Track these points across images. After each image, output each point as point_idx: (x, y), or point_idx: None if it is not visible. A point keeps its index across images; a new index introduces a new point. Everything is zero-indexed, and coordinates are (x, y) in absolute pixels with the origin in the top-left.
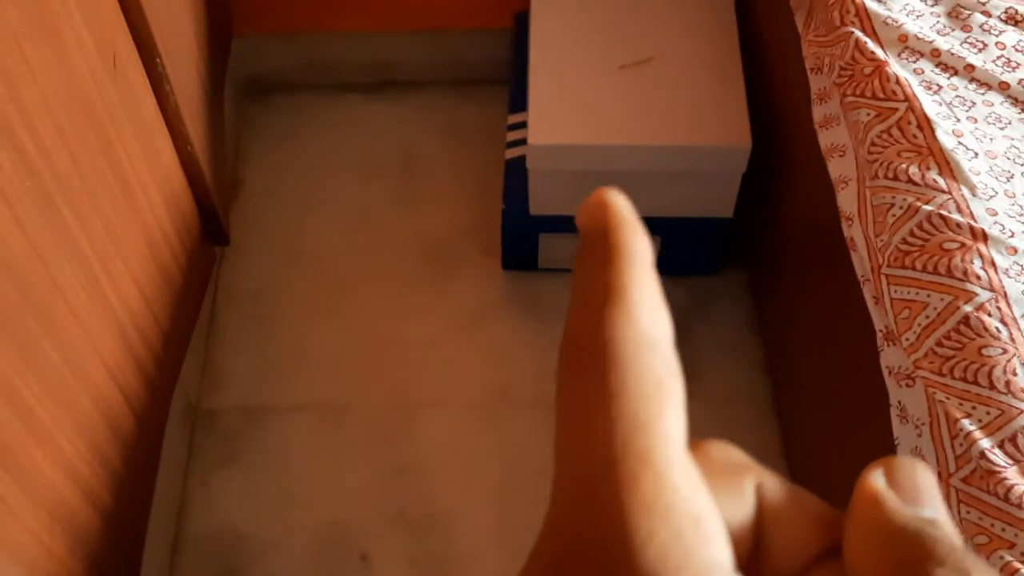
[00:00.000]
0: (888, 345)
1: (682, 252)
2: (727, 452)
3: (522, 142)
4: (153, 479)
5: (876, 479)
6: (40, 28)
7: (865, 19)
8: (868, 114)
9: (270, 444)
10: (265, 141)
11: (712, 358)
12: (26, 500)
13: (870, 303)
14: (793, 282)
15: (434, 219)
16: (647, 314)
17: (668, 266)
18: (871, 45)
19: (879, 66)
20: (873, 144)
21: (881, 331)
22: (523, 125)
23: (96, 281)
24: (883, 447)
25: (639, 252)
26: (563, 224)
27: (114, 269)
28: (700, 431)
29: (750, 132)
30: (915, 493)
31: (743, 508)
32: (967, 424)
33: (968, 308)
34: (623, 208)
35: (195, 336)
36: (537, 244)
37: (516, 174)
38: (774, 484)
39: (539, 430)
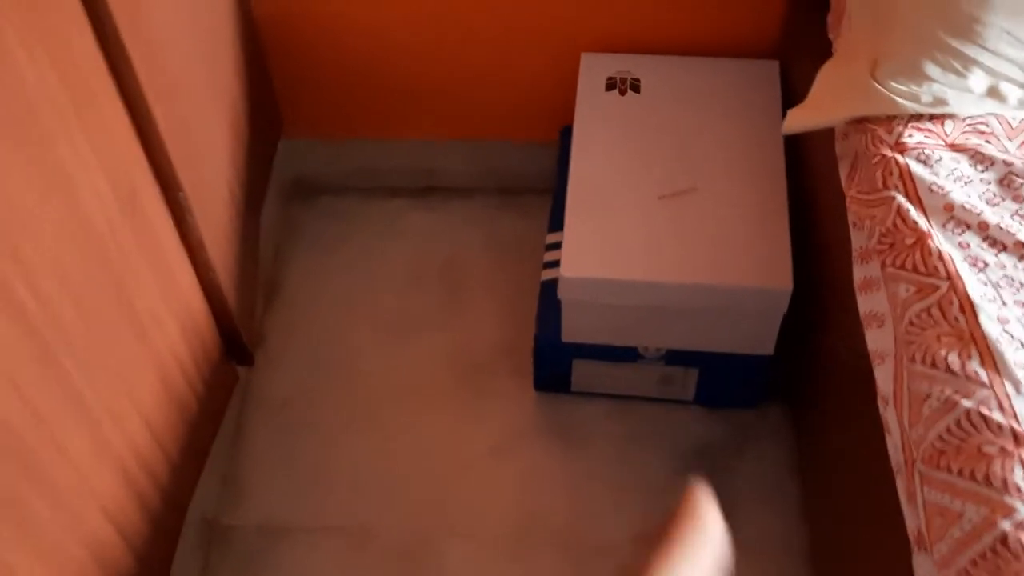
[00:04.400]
0: (920, 551)
1: (721, 386)
2: None
3: (558, 263)
4: None
5: None
6: (48, 179)
7: (909, 183)
8: (908, 289)
9: (289, 567)
10: (307, 244)
11: (748, 499)
12: None
13: (903, 497)
14: (834, 424)
15: (470, 335)
16: None
17: (707, 399)
18: (914, 213)
19: (921, 237)
20: (911, 324)
21: (913, 533)
22: (560, 246)
23: (98, 426)
24: None
25: (688, 549)
26: (597, 351)
27: (119, 409)
28: None
29: (792, 273)
30: None
31: None
32: None
33: (1006, 525)
34: (701, 504)
35: (219, 447)
36: (570, 368)
37: (551, 296)
38: None
39: (563, 564)
